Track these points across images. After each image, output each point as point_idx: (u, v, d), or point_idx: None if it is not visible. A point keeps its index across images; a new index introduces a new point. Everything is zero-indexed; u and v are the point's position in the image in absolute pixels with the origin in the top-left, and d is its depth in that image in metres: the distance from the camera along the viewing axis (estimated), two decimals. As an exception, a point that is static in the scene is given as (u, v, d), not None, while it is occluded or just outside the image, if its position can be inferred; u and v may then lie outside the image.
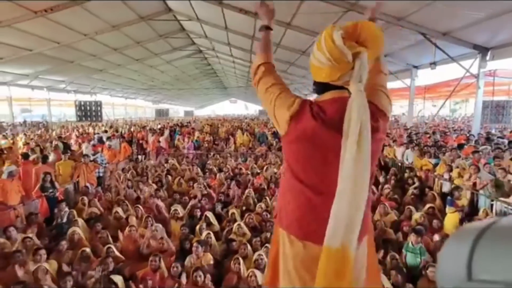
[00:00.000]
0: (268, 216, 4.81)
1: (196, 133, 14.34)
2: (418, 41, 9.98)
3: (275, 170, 8.04)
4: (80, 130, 18.15)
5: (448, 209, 4.83)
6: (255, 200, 5.75)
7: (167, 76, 27.35)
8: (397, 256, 3.65)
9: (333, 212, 1.05)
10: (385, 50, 10.24)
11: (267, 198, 5.73)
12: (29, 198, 5.42)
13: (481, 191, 5.34)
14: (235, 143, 12.67)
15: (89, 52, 16.13)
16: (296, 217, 1.25)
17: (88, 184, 6.41)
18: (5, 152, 7.87)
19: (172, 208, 5.13)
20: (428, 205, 5.19)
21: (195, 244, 3.75)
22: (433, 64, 9.99)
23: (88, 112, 20.76)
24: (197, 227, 4.52)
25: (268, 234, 4.38)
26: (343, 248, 1.05)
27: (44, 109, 23.98)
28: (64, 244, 3.86)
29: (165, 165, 9.00)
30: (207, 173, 8.04)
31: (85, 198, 5.64)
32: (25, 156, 6.55)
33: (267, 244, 3.85)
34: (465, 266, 0.40)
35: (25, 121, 23.06)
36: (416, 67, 12.49)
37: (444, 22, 8.52)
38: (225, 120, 28.44)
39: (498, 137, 11.50)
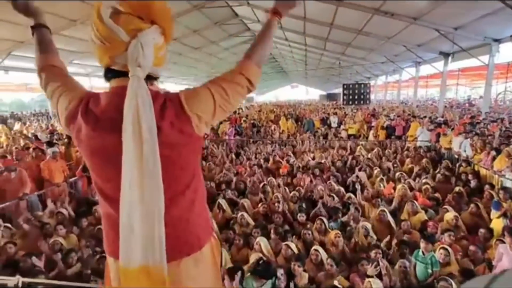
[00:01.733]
0: (280, 207, 4.59)
1: (242, 120, 14.49)
2: (497, 9, 8.23)
3: (309, 158, 7.67)
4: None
5: (493, 213, 3.94)
6: (273, 189, 5.55)
7: (226, 63, 28.08)
8: (407, 264, 3.12)
9: (121, 226, 0.88)
10: (454, 22, 8.81)
11: (286, 188, 5.50)
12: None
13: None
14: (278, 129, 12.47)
15: (151, 43, 17.48)
16: (105, 234, 1.11)
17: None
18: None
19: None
20: (472, 205, 4.27)
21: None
22: (515, 36, 8.13)
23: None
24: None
25: (277, 227, 4.22)
26: (144, 268, 0.88)
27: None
28: (84, 221, 4.32)
29: (204, 150, 9.30)
30: (243, 159, 8.07)
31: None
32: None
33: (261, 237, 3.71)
34: None
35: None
36: (497, 40, 10.37)
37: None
38: (279, 106, 28.07)
39: None
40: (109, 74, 1.04)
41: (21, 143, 8.22)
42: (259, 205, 4.82)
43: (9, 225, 4.04)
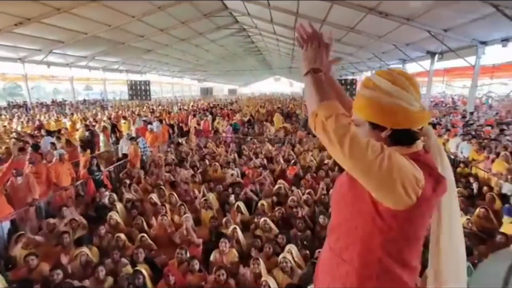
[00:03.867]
0: (299, 212, 4.66)
1: (237, 116, 14.34)
2: (488, 14, 8.59)
3: (312, 158, 7.76)
4: (130, 110, 19.23)
5: (505, 219, 4.20)
6: (287, 192, 5.62)
7: (212, 55, 27.66)
8: None
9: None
10: (445, 24, 9.09)
11: (299, 191, 5.58)
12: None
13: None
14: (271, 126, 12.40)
15: (138, 34, 16.89)
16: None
17: (131, 168, 6.84)
18: (62, 133, 8.73)
19: (203, 197, 5.25)
20: (481, 209, 4.43)
21: (222, 239, 3.79)
22: (505, 41, 8.54)
23: (139, 91, 22.06)
24: (224, 219, 4.57)
25: (297, 232, 4.28)
26: None
27: (102, 87, 25.84)
28: (102, 228, 4.18)
29: (203, 149, 9.16)
30: (243, 159, 8.00)
31: (127, 181, 6.04)
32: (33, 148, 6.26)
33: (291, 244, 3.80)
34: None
35: (85, 100, 25.18)
36: (484, 43, 10.87)
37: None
38: (267, 100, 28.09)
39: None
40: (407, 136, 1.02)
41: (10, 142, 7.73)
42: (275, 209, 4.87)
43: (24, 232, 3.85)
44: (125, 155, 7.46)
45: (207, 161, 7.55)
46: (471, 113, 12.37)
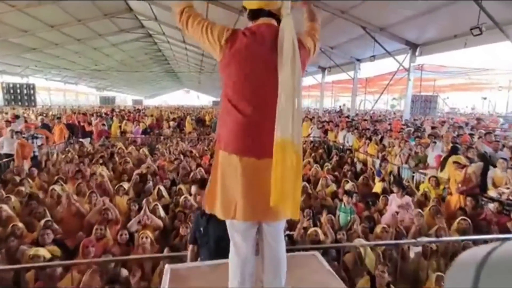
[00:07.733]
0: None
1: (148, 120, 13.80)
2: (360, 35, 10.64)
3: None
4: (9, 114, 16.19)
5: (376, 179, 5.68)
6: (205, 176, 5.80)
7: (113, 60, 25.54)
8: (333, 217, 4.18)
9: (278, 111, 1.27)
10: (331, 42, 10.75)
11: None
12: None
13: (404, 165, 6.27)
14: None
15: (19, 27, 14.45)
16: (234, 136, 1.39)
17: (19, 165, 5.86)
18: None
19: (118, 185, 4.97)
20: (361, 177, 6.00)
21: (142, 212, 3.73)
22: (373, 57, 10.83)
23: (19, 96, 18.85)
24: (144, 200, 4.47)
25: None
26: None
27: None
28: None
29: (112, 148, 8.55)
30: (156, 155, 7.83)
31: (17, 178, 5.17)
32: None
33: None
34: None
35: None
36: (358, 60, 13.42)
37: (381, 18, 9.20)
38: (176, 109, 27.63)
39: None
40: (258, 14, 1.43)
41: None
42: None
43: None
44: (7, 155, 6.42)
45: (116, 158, 7.09)
46: (356, 115, 15.08)
